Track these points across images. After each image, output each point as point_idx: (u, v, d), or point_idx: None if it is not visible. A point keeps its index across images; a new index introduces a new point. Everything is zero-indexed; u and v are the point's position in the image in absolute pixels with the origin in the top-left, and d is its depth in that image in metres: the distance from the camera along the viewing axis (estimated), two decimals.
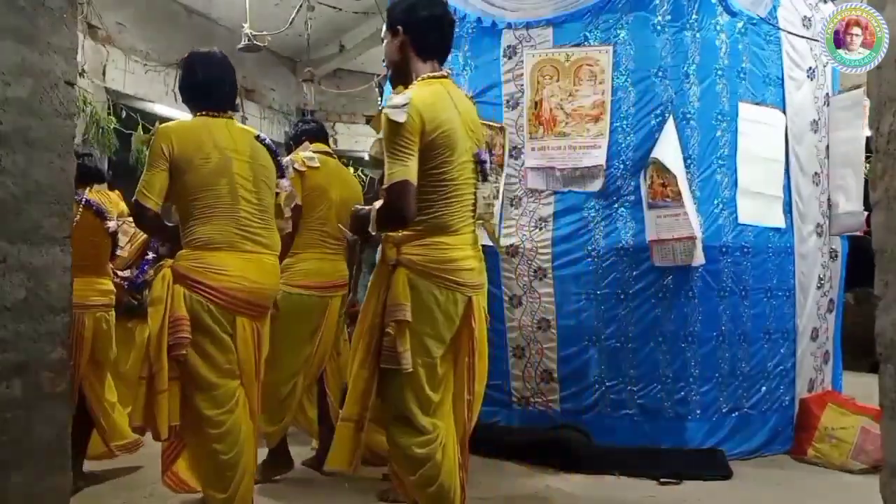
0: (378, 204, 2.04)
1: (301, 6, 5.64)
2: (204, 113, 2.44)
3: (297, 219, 2.96)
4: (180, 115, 6.47)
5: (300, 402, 3.16)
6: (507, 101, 3.65)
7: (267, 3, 5.94)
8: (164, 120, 6.43)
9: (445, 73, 2.19)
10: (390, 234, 2.10)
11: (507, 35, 3.65)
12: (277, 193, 2.51)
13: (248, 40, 5.48)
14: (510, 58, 3.64)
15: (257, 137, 2.49)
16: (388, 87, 4.60)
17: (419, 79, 2.13)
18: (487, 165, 2.20)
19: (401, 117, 1.95)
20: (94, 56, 5.46)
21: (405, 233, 2.08)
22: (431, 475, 2.06)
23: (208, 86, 2.45)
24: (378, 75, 5.77)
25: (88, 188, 3.11)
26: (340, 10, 6.25)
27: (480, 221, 2.22)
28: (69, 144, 1.71)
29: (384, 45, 2.27)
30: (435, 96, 2.07)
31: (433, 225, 2.07)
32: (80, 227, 2.86)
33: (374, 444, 3.34)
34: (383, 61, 4.93)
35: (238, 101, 2.65)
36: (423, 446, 2.05)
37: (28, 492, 1.59)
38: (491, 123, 3.64)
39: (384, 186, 2.01)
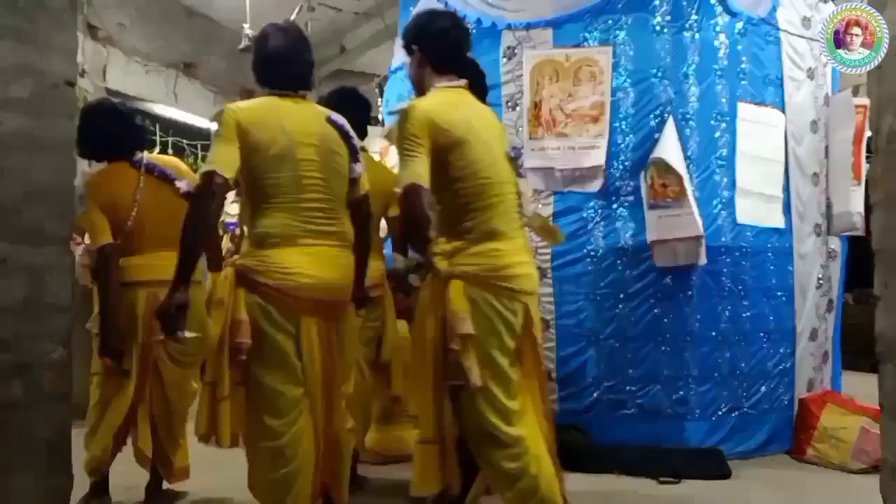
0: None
1: (301, 7, 5.64)
2: (274, 92, 2.22)
3: None
4: (180, 115, 6.48)
5: None
6: (507, 102, 3.65)
7: (267, 3, 5.94)
8: (164, 120, 6.47)
9: (461, 84, 2.20)
10: (440, 245, 2.04)
11: (507, 36, 3.65)
12: (352, 179, 2.27)
13: (249, 40, 5.48)
14: (510, 58, 3.64)
15: (329, 119, 2.25)
16: (387, 89, 4.61)
17: (437, 87, 2.18)
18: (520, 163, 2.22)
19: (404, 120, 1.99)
20: (94, 56, 5.46)
21: (454, 243, 2.04)
22: (530, 488, 2.00)
23: (277, 59, 2.23)
24: (378, 76, 5.77)
25: (143, 152, 2.85)
26: (341, 10, 6.25)
27: (529, 220, 2.21)
28: (69, 145, 1.71)
29: (407, 68, 2.31)
30: (445, 100, 2.10)
31: (482, 231, 2.03)
32: (148, 197, 2.72)
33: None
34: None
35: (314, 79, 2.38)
36: (512, 459, 1.99)
37: (28, 492, 1.59)
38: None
39: (399, 190, 2.00)
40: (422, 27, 2.23)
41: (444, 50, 2.21)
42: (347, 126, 2.30)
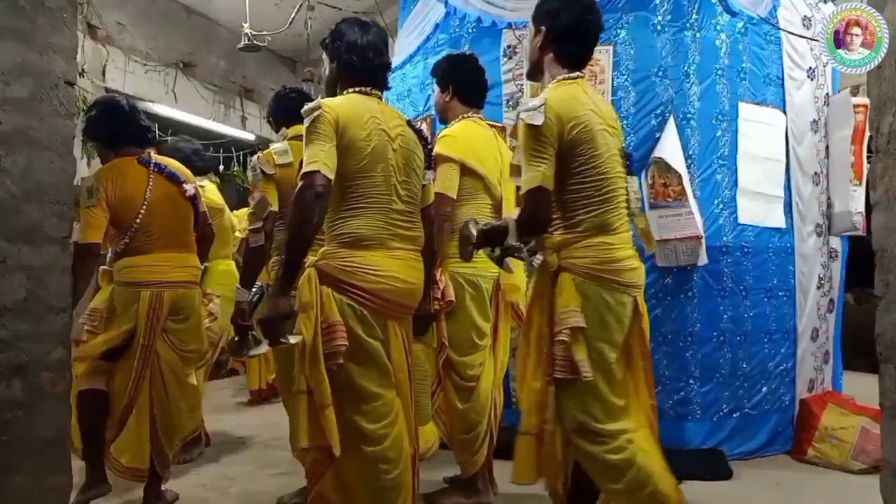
0: (514, 213, 1.99)
1: (301, 6, 5.64)
2: (356, 90, 2.13)
3: (272, 229, 2.65)
4: (181, 115, 6.48)
5: None
6: (507, 101, 3.65)
7: (267, 3, 5.95)
8: (164, 120, 6.47)
9: (580, 75, 2.14)
10: (548, 238, 2.04)
11: (508, 35, 3.65)
12: (423, 185, 2.25)
13: (248, 40, 5.48)
14: (510, 57, 3.64)
15: (408, 122, 2.23)
16: None
17: (554, 81, 2.11)
18: (633, 160, 2.17)
19: (538, 119, 1.93)
20: (94, 56, 5.46)
21: (564, 236, 2.02)
22: (640, 479, 1.96)
23: (364, 54, 2.13)
24: None
25: (152, 150, 2.89)
26: (340, 9, 6.24)
27: (633, 217, 2.17)
28: (69, 144, 1.71)
29: (527, 38, 2.24)
30: (569, 95, 2.04)
31: (594, 224, 2.01)
32: (157, 196, 2.74)
33: None
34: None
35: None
36: (615, 452, 1.96)
37: (28, 492, 1.59)
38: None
39: (522, 193, 1.98)
40: (555, 14, 2.11)
41: (571, 47, 2.13)
42: (424, 130, 2.31)
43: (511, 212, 2.07)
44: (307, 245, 1.95)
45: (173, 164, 2.94)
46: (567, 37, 2.12)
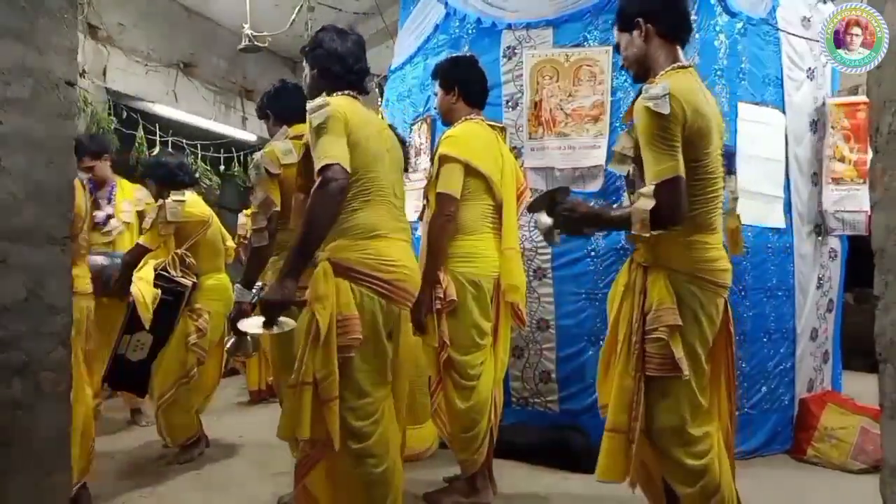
0: (643, 203, 1.89)
1: (301, 6, 5.64)
2: (348, 93, 2.23)
3: (276, 229, 2.66)
4: (181, 115, 6.48)
5: None
6: (507, 102, 3.66)
7: (267, 3, 5.95)
8: (164, 120, 6.47)
9: (690, 63, 2.07)
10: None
11: (507, 36, 3.66)
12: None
13: (249, 40, 5.48)
14: (510, 58, 3.64)
15: (390, 125, 2.38)
16: (387, 88, 4.61)
17: (668, 68, 2.01)
18: (734, 158, 2.10)
19: (664, 108, 1.85)
20: (94, 56, 5.47)
21: (661, 232, 1.95)
22: (713, 486, 1.98)
23: (345, 58, 2.26)
24: (378, 76, 5.77)
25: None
26: (340, 10, 6.25)
27: (726, 216, 2.14)
28: (69, 145, 1.71)
29: (622, 49, 2.16)
30: (689, 85, 1.95)
31: (694, 223, 1.96)
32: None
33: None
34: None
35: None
36: (697, 457, 1.97)
37: (28, 492, 1.59)
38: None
39: (654, 183, 1.88)
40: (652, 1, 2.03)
41: (676, 20, 2.05)
42: (403, 136, 2.46)
43: (636, 203, 1.93)
44: (324, 235, 2.01)
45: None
46: (672, 18, 2.05)
